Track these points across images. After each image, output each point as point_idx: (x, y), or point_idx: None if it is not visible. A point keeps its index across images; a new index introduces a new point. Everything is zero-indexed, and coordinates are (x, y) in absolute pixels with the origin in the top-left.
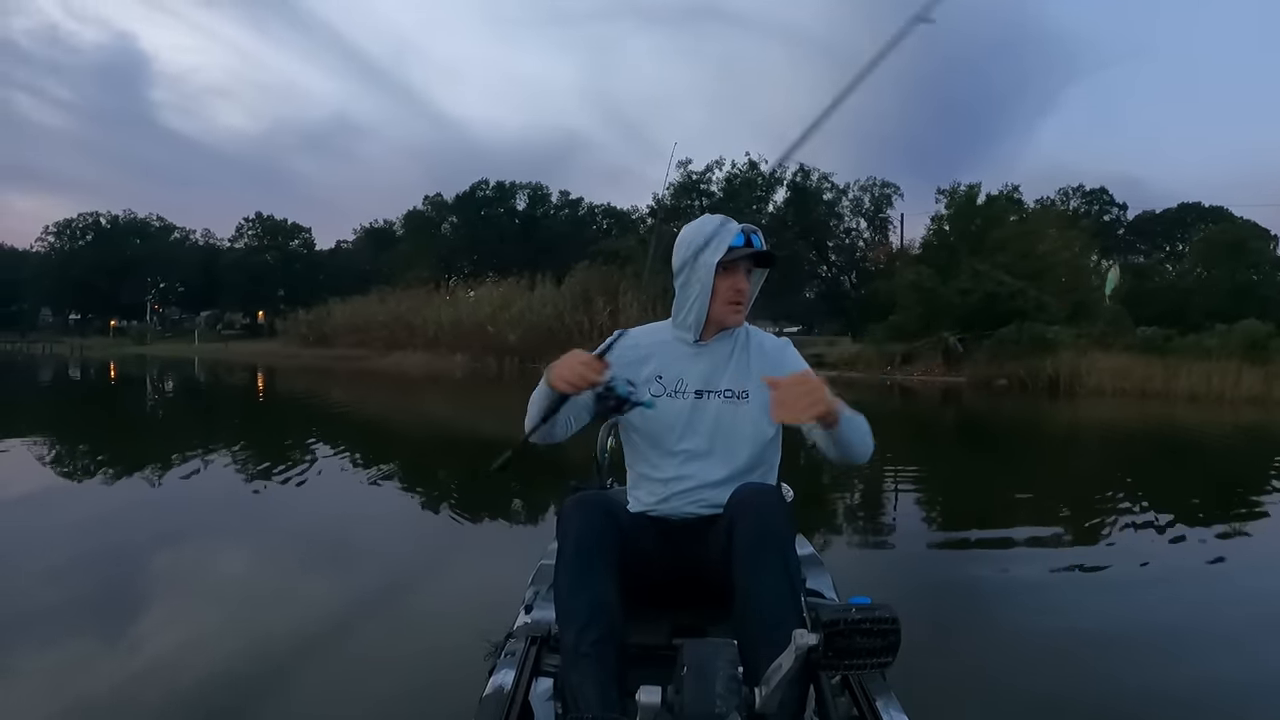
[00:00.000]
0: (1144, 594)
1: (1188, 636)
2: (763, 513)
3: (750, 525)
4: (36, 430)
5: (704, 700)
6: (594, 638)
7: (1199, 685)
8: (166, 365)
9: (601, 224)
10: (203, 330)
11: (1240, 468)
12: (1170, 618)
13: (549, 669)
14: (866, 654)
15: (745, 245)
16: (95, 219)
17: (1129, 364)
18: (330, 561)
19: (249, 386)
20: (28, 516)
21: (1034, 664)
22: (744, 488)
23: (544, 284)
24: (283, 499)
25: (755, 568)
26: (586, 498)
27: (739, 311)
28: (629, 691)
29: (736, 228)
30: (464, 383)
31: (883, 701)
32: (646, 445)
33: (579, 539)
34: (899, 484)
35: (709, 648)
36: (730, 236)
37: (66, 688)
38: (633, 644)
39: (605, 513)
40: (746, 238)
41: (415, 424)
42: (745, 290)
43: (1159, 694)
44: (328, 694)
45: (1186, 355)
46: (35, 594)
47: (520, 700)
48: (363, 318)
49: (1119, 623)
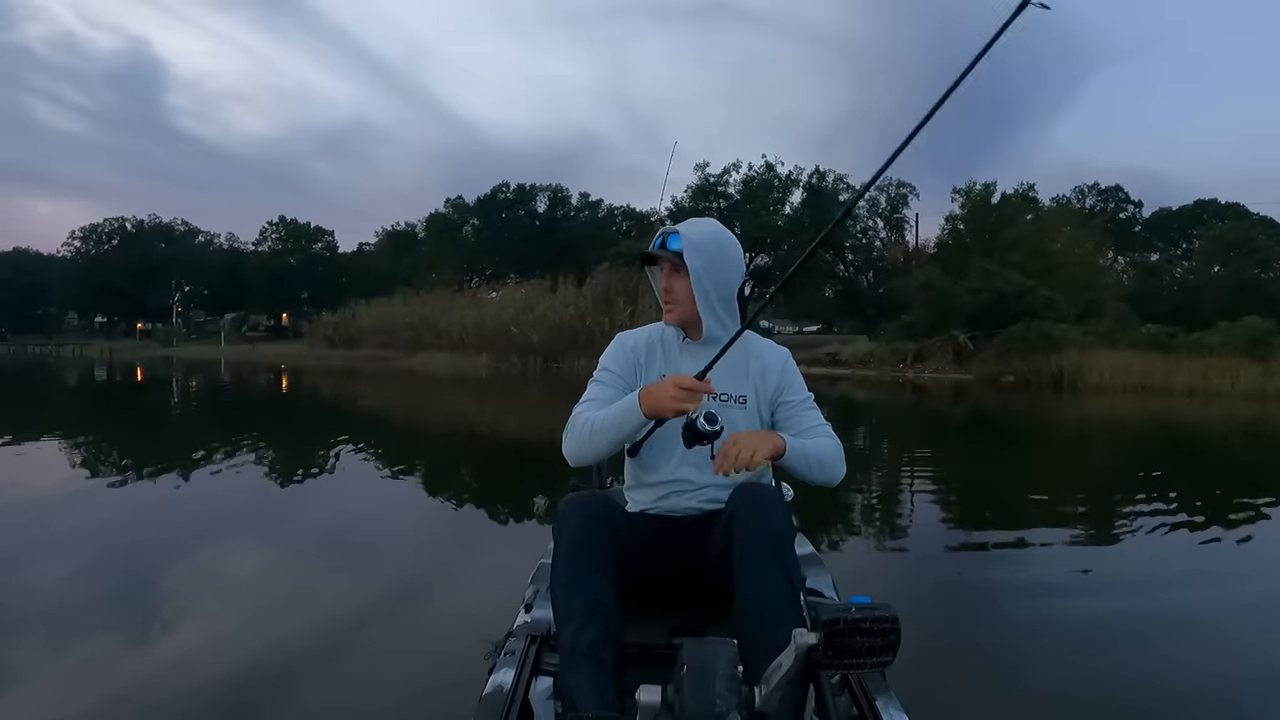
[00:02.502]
0: (1137, 589)
1: (1184, 633)
2: (763, 511)
3: (750, 523)
4: (122, 429)
5: (704, 700)
6: (591, 637)
7: (1199, 684)
8: (199, 367)
9: (621, 225)
10: (228, 332)
11: (1239, 462)
12: (1168, 613)
13: (549, 668)
14: (866, 653)
15: (660, 248)
16: (121, 224)
17: (1131, 361)
18: (354, 554)
19: (293, 388)
20: (129, 498)
21: (1034, 665)
22: (745, 486)
23: (565, 285)
24: (369, 491)
25: (755, 565)
26: (582, 497)
27: (668, 309)
28: (629, 691)
29: (669, 231)
30: (492, 382)
31: (883, 701)
32: (645, 445)
33: (575, 538)
34: (901, 477)
35: (709, 647)
36: (655, 240)
37: (89, 674)
38: (632, 643)
39: (601, 512)
40: (663, 240)
41: (471, 423)
42: (668, 289)
43: (1168, 693)
44: (328, 692)
45: (1189, 352)
46: (64, 586)
47: (520, 699)
48: (388, 319)
49: (1120, 620)
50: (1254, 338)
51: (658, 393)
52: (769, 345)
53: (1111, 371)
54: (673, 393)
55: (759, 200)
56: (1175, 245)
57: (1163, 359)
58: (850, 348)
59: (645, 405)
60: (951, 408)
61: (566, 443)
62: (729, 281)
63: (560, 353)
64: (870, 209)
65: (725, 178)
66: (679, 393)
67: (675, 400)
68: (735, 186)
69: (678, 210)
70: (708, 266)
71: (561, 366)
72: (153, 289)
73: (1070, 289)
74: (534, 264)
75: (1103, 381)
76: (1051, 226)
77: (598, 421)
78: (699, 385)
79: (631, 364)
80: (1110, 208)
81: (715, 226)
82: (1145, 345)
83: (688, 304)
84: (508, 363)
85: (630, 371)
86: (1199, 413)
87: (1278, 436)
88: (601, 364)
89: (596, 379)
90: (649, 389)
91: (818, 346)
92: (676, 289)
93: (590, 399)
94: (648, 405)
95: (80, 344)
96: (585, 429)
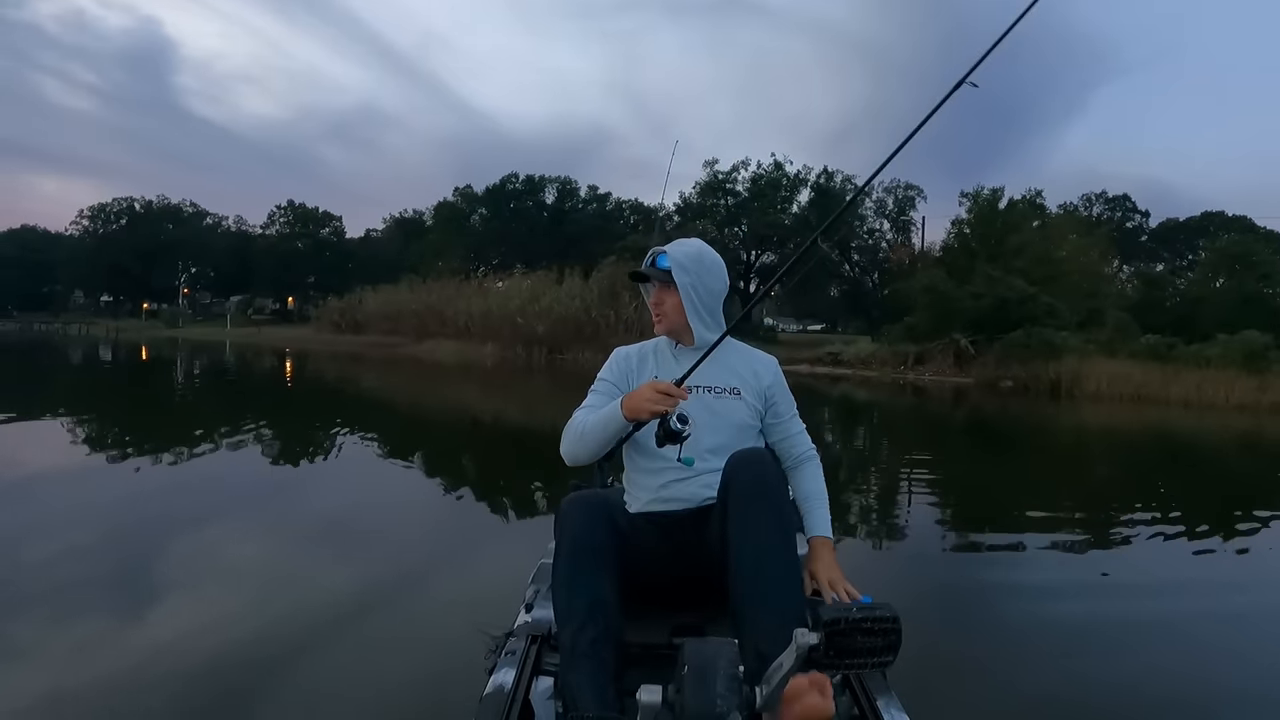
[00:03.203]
0: (1130, 594)
1: (1172, 640)
2: (755, 467)
3: (744, 478)
4: (136, 406)
5: (704, 699)
6: (591, 636)
7: (1184, 690)
8: (205, 349)
9: (629, 219)
10: (234, 314)
11: (1232, 472)
12: (1159, 620)
13: (549, 668)
14: (867, 653)
15: (650, 266)
16: (129, 204)
17: (1129, 370)
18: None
19: (300, 372)
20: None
21: (1031, 667)
22: (738, 452)
23: (572, 277)
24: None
25: (750, 520)
26: (584, 497)
27: (657, 320)
28: (629, 691)
29: (659, 252)
30: (497, 371)
31: (883, 701)
32: (645, 440)
33: (576, 538)
34: (898, 478)
35: (709, 647)
36: (646, 260)
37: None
38: (633, 643)
39: (603, 513)
40: (652, 259)
41: (477, 413)
42: (658, 303)
43: (1163, 697)
44: (321, 680)
45: (1186, 364)
46: (57, 563)
47: (520, 699)
48: (395, 306)
49: (1113, 624)
50: (1251, 351)
51: (636, 396)
52: (759, 353)
53: (1109, 380)
54: (649, 395)
55: (767, 199)
56: (1181, 256)
57: (1160, 369)
58: (852, 348)
59: (626, 409)
60: (950, 410)
61: (563, 444)
62: (715, 291)
63: (565, 344)
64: (877, 210)
65: (734, 175)
66: (655, 395)
67: (650, 403)
68: (743, 184)
69: (686, 206)
70: (694, 281)
71: (566, 358)
72: (159, 269)
73: (1073, 297)
74: (541, 255)
75: (1099, 389)
76: (1057, 234)
77: (588, 425)
78: (674, 390)
79: (625, 372)
80: (1117, 217)
81: (699, 244)
82: (1144, 355)
83: (675, 315)
84: (513, 352)
85: (625, 380)
86: (1193, 424)
87: (1271, 449)
88: (600, 375)
89: (594, 388)
90: (630, 394)
91: (820, 346)
92: (666, 303)
93: (585, 405)
94: (628, 408)
95: (87, 322)
96: (577, 432)
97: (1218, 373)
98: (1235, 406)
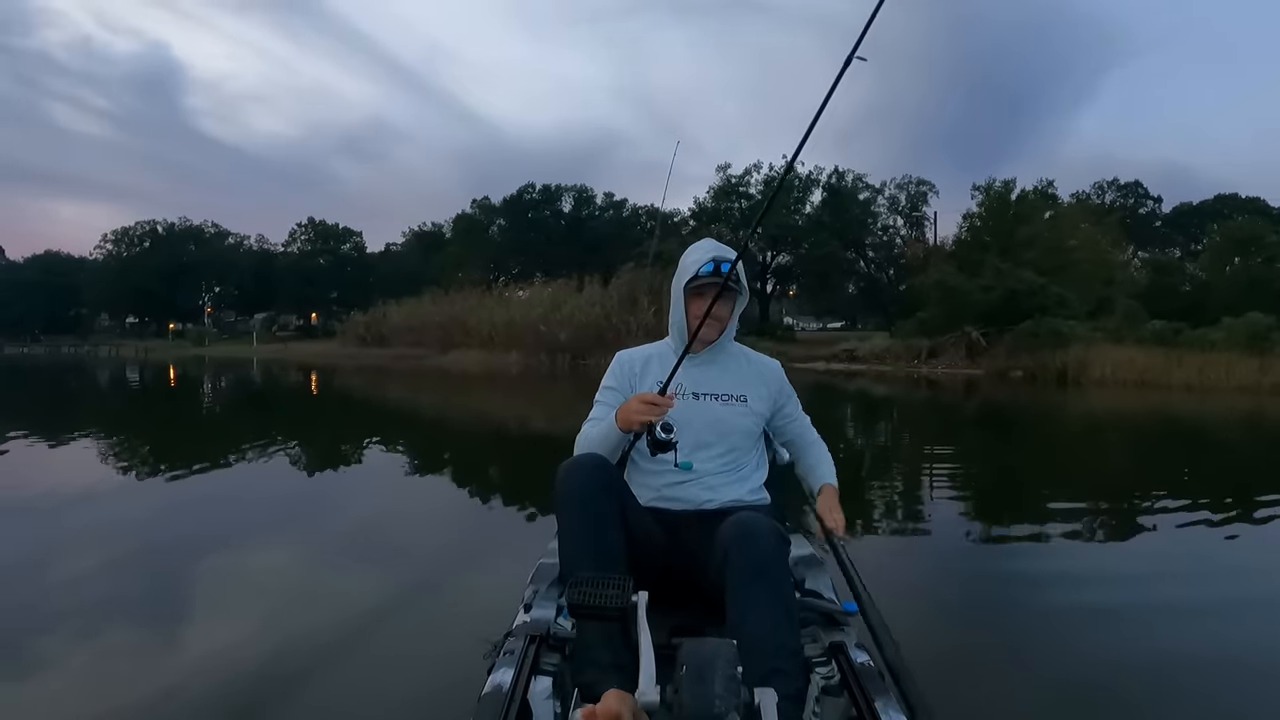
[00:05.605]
0: (1134, 582)
1: (1181, 626)
2: (756, 543)
3: (744, 560)
4: (202, 429)
5: (703, 700)
6: None
7: (1193, 677)
8: (233, 366)
9: (645, 224)
10: (259, 332)
11: (1235, 453)
12: (1164, 607)
13: (548, 668)
14: None
15: (714, 274)
16: (152, 226)
17: (1134, 356)
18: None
19: (330, 386)
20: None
21: (1029, 666)
22: (736, 519)
23: (591, 285)
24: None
25: (750, 602)
26: (580, 458)
27: (715, 329)
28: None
29: (709, 257)
30: (522, 379)
31: (882, 702)
32: (644, 443)
33: (582, 490)
34: (902, 470)
35: (708, 647)
36: (698, 266)
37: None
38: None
39: (604, 470)
40: (715, 266)
41: (501, 420)
42: (717, 313)
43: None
44: (329, 686)
45: (1191, 348)
46: (81, 579)
47: (519, 699)
48: (418, 318)
49: (1118, 614)
50: (1254, 333)
51: (626, 409)
52: (763, 358)
53: (1114, 366)
54: (636, 407)
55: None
56: (1195, 240)
57: (1165, 354)
58: (867, 344)
59: (619, 421)
60: (960, 401)
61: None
62: None
63: (587, 350)
64: (890, 206)
65: (746, 178)
66: (641, 406)
67: (638, 414)
68: (756, 187)
69: (701, 210)
70: (743, 290)
71: (589, 364)
72: (183, 290)
73: (1084, 285)
74: (560, 263)
75: (1104, 376)
76: (1068, 224)
77: (592, 440)
78: (660, 400)
79: (628, 376)
80: (1130, 203)
81: None
82: (1150, 341)
83: (727, 324)
84: (537, 360)
85: (627, 384)
86: (1195, 407)
87: (1272, 430)
88: (603, 383)
89: (598, 398)
90: (622, 406)
91: (837, 343)
92: (725, 310)
93: (591, 418)
94: (621, 420)
95: (115, 344)
96: (583, 446)
97: (1219, 356)
98: (1236, 388)
